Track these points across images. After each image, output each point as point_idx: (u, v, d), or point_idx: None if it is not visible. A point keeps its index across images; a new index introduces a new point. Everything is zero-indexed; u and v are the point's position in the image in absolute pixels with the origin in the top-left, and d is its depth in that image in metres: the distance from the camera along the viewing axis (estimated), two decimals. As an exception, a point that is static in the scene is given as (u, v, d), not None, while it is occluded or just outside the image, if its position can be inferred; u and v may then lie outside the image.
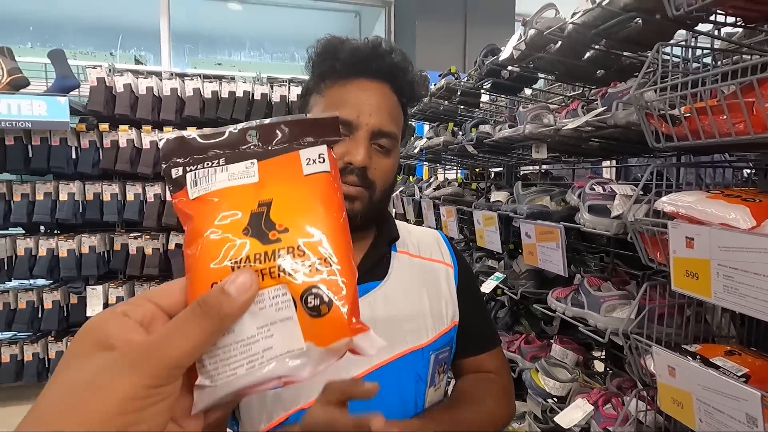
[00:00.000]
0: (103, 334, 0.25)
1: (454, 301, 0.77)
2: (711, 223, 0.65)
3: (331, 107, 0.67)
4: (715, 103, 0.68)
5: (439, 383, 0.73)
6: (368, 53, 0.68)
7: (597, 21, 0.95)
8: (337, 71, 0.68)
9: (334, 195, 0.32)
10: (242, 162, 0.31)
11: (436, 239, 0.83)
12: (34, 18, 4.34)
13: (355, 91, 0.67)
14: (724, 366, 0.69)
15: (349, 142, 0.66)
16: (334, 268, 0.29)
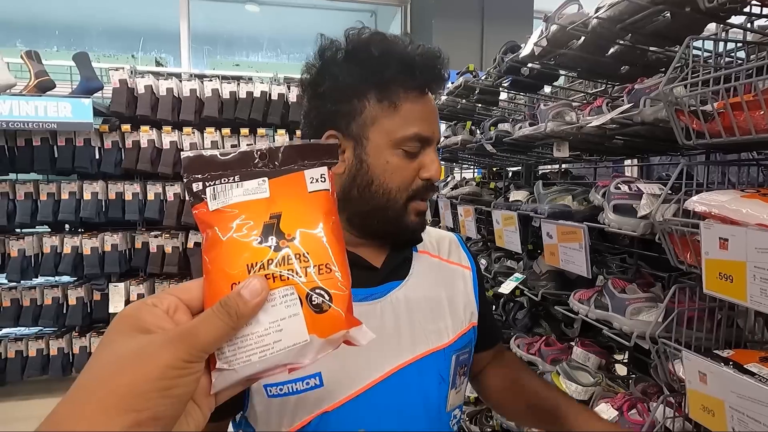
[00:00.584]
0: (140, 320, 0.31)
1: (472, 303, 0.77)
2: (747, 223, 0.62)
3: (411, 124, 0.64)
4: (751, 98, 0.65)
5: (459, 386, 0.73)
6: (435, 65, 0.66)
7: (623, 15, 0.93)
8: (410, 81, 0.64)
9: (332, 209, 0.37)
10: (255, 179, 0.36)
11: (454, 242, 0.82)
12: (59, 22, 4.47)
13: (427, 105, 0.67)
14: (760, 373, 0.66)
15: (424, 157, 0.66)
16: (333, 271, 0.34)
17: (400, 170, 0.65)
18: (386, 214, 0.66)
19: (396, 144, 0.64)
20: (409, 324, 0.68)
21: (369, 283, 0.68)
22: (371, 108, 0.64)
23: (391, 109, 0.64)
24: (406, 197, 0.66)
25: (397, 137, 0.64)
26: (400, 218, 0.67)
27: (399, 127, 0.64)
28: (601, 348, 1.27)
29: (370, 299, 0.67)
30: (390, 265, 0.70)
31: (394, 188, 0.65)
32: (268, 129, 3.28)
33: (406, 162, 0.65)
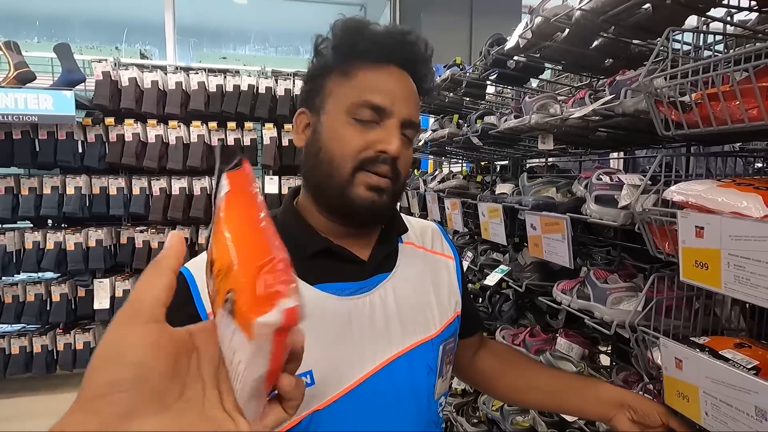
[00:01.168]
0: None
1: (456, 292, 0.78)
2: (722, 212, 0.63)
3: (365, 93, 0.63)
4: (727, 88, 0.66)
5: (446, 374, 0.74)
6: (401, 39, 0.66)
7: (605, 7, 0.93)
8: (368, 53, 0.64)
9: (233, 204, 0.36)
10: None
11: (435, 232, 0.82)
12: (40, 12, 4.36)
13: (387, 76, 0.65)
14: (734, 358, 0.67)
15: (380, 130, 0.63)
16: (233, 265, 0.31)
17: (347, 137, 0.63)
18: (332, 185, 0.63)
19: (347, 111, 0.63)
20: (398, 316, 0.68)
21: (357, 277, 0.67)
22: (331, 81, 0.66)
23: (345, 77, 0.65)
24: (351, 166, 0.62)
25: (347, 104, 0.63)
26: (347, 189, 0.63)
27: (350, 94, 0.63)
28: (585, 338, 1.29)
29: (359, 293, 0.66)
30: (377, 258, 0.70)
31: (337, 155, 0.63)
32: (256, 123, 3.25)
33: (356, 130, 0.63)
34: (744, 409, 0.61)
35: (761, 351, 0.71)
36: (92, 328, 3.05)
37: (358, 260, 0.69)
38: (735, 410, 0.62)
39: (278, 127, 3.23)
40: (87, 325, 3.08)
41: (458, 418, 1.68)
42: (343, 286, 0.66)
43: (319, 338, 0.61)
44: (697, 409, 0.69)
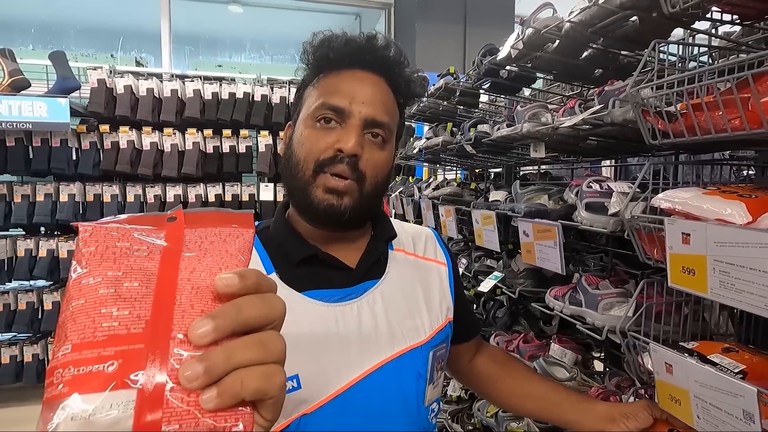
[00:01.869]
0: None
1: (448, 299, 0.78)
2: (707, 218, 0.65)
3: (324, 95, 0.66)
4: (710, 99, 0.68)
5: (437, 380, 0.73)
6: (363, 45, 0.68)
7: (594, 19, 0.96)
8: (332, 61, 0.68)
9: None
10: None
11: (430, 238, 0.83)
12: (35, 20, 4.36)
13: (348, 79, 0.67)
14: (721, 363, 0.69)
15: (341, 131, 0.65)
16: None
17: (310, 140, 0.65)
18: (297, 186, 0.66)
19: (311, 116, 0.66)
20: (386, 322, 0.68)
21: (345, 284, 0.68)
22: (306, 93, 0.70)
23: (313, 88, 0.69)
24: (313, 167, 0.64)
25: (311, 109, 0.66)
26: (307, 190, 0.65)
27: (314, 100, 0.67)
28: (579, 344, 1.30)
29: (346, 300, 0.67)
30: (365, 265, 0.71)
31: (302, 158, 0.65)
32: (251, 130, 3.26)
33: (319, 133, 0.65)
34: (732, 412, 0.62)
35: (748, 355, 0.72)
36: (84, 337, 3.01)
37: (345, 267, 0.69)
38: (725, 413, 0.64)
39: (274, 135, 3.24)
40: (79, 334, 3.05)
41: (453, 425, 1.68)
42: (330, 293, 0.66)
43: (306, 344, 0.62)
44: (689, 413, 0.70)
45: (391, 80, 0.70)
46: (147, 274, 0.30)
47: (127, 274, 0.29)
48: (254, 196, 3.26)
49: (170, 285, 0.29)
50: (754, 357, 0.72)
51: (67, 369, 0.25)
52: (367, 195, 0.66)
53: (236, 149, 3.22)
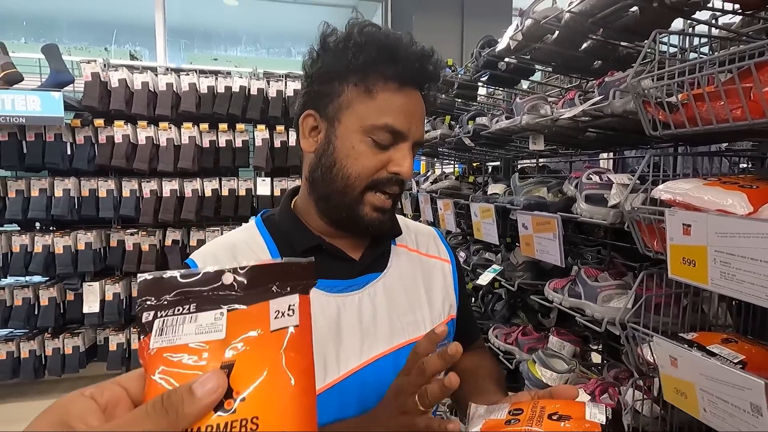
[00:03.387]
0: (66, 413, 0.27)
1: (451, 296, 0.78)
2: (708, 209, 0.65)
3: (386, 116, 0.63)
4: (712, 89, 0.67)
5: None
6: (425, 63, 0.65)
7: (594, 10, 0.95)
8: (395, 75, 0.63)
9: (299, 353, 0.30)
10: (212, 311, 0.30)
11: (433, 236, 0.83)
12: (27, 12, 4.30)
13: (408, 100, 0.65)
14: (721, 353, 0.69)
15: (396, 152, 0.64)
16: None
17: (363, 157, 0.63)
18: (343, 201, 0.65)
19: (366, 131, 0.63)
20: (386, 315, 0.68)
21: (347, 275, 0.68)
22: (349, 92, 0.64)
23: (366, 95, 0.63)
24: (364, 186, 0.64)
25: (367, 124, 0.63)
26: (355, 207, 0.65)
27: (371, 115, 0.63)
28: (577, 337, 1.30)
29: (348, 291, 0.67)
30: (369, 258, 0.71)
31: (353, 174, 0.63)
32: (247, 124, 3.24)
33: (372, 151, 0.63)
34: (740, 405, 0.62)
35: (747, 345, 0.72)
36: (81, 332, 3.00)
37: (349, 259, 0.70)
38: (731, 406, 0.64)
39: (270, 129, 3.22)
40: (76, 330, 3.03)
41: (452, 417, 1.69)
42: (332, 283, 0.67)
43: None
44: (695, 406, 0.70)
45: (425, 96, 0.70)
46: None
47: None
48: (251, 190, 3.24)
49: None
50: (753, 347, 0.72)
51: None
52: (397, 204, 0.70)
53: (233, 143, 3.20)
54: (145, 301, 0.30)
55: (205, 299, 0.30)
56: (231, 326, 0.30)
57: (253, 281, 0.31)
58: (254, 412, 0.27)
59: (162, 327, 0.29)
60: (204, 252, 0.68)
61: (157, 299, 0.30)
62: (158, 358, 0.29)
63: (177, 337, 0.29)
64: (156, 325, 0.29)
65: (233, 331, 0.30)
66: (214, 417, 0.27)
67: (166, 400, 0.26)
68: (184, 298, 0.30)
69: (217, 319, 0.30)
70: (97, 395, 0.28)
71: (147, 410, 0.26)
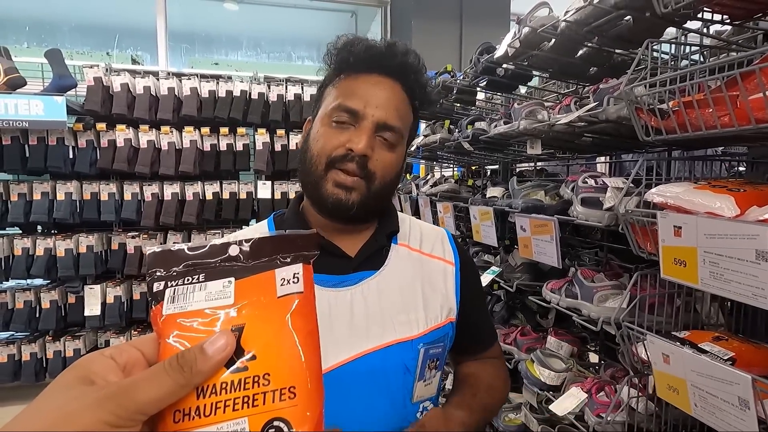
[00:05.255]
0: (87, 370, 0.28)
1: (450, 299, 0.77)
2: (698, 212, 0.67)
3: (341, 97, 0.69)
4: (701, 97, 0.70)
5: (430, 379, 0.73)
6: (383, 50, 0.71)
7: (589, 19, 0.98)
8: (351, 64, 0.71)
9: (305, 317, 0.32)
10: (220, 280, 0.32)
11: (441, 237, 0.83)
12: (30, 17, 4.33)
13: (365, 83, 0.70)
14: (712, 350, 0.71)
15: (354, 131, 0.68)
16: (298, 396, 0.30)
17: (324, 138, 0.69)
18: (310, 180, 0.69)
19: (328, 116, 0.69)
20: (378, 313, 0.69)
21: (342, 271, 0.70)
22: (326, 92, 0.73)
23: (333, 88, 0.72)
24: (325, 163, 0.68)
25: (328, 109, 0.70)
26: (320, 184, 0.68)
27: (332, 100, 0.70)
28: (574, 337, 1.33)
29: (340, 286, 0.69)
30: (364, 255, 0.72)
31: (316, 153, 0.69)
32: (248, 128, 3.27)
33: (333, 132, 0.68)
34: (728, 399, 0.65)
35: (737, 343, 0.75)
36: (82, 335, 3.01)
37: (344, 255, 0.72)
38: (721, 401, 0.66)
39: (271, 133, 3.24)
40: (77, 332, 3.05)
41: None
42: (325, 278, 0.69)
43: None
44: (686, 401, 0.73)
45: (407, 86, 0.73)
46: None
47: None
48: (252, 194, 3.27)
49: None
50: (743, 345, 0.75)
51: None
52: (375, 193, 0.69)
53: (233, 147, 3.22)
54: (155, 272, 0.32)
55: (213, 270, 0.32)
56: (239, 293, 0.31)
57: (258, 252, 0.33)
58: (265, 369, 0.29)
59: (173, 295, 0.31)
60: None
61: (167, 270, 0.32)
62: (171, 323, 0.30)
63: (188, 304, 0.31)
64: (167, 294, 0.31)
65: (241, 297, 0.31)
66: (227, 374, 0.29)
67: (180, 358, 0.28)
68: (192, 268, 0.32)
69: (225, 287, 0.32)
70: (116, 355, 0.30)
71: (164, 367, 0.28)
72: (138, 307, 3.08)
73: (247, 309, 0.31)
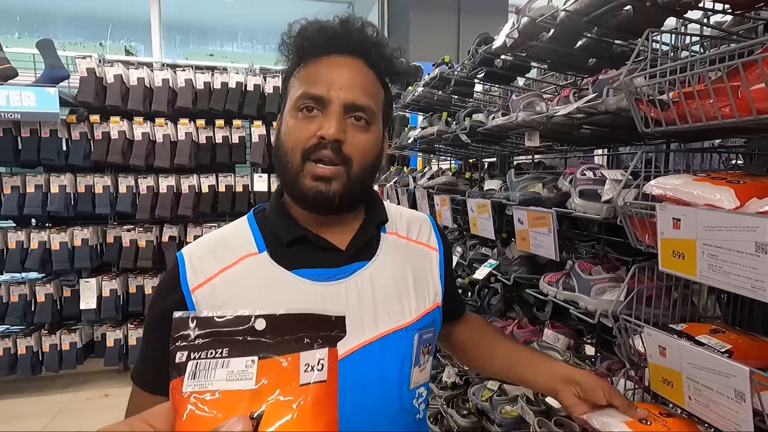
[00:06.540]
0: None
1: (437, 284, 0.79)
2: (697, 204, 0.67)
3: (304, 85, 0.67)
4: (702, 87, 0.69)
5: (424, 364, 0.74)
6: (336, 29, 0.68)
7: (589, 8, 0.96)
8: (308, 50, 0.68)
9: (326, 408, 0.32)
10: (244, 358, 0.31)
11: (425, 223, 0.84)
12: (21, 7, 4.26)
13: (326, 66, 0.67)
14: (709, 342, 0.71)
15: (322, 118, 0.66)
16: None
17: (295, 130, 0.66)
18: (288, 176, 0.67)
19: (294, 107, 0.67)
20: (372, 303, 0.69)
21: (334, 264, 0.69)
22: (290, 84, 0.71)
23: (294, 78, 0.69)
24: (300, 156, 0.65)
25: (293, 101, 0.67)
26: (297, 179, 0.66)
27: (295, 91, 0.67)
28: (571, 330, 1.33)
29: (333, 280, 0.68)
30: (354, 247, 0.72)
31: (290, 148, 0.66)
32: (244, 120, 3.24)
33: (302, 123, 0.66)
34: (724, 392, 0.65)
35: (734, 336, 0.75)
36: (78, 329, 3.01)
37: (335, 248, 0.71)
38: (716, 393, 0.66)
39: (267, 125, 3.22)
40: (73, 326, 3.04)
41: (448, 410, 1.71)
42: (318, 272, 0.68)
43: None
44: (680, 394, 0.73)
45: (371, 61, 0.70)
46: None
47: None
48: (248, 186, 3.25)
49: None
50: (740, 337, 0.75)
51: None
52: (355, 178, 0.67)
53: (229, 139, 3.20)
54: (178, 339, 0.31)
55: (237, 344, 0.31)
56: (261, 374, 0.31)
57: (284, 329, 0.32)
58: None
59: (195, 370, 0.31)
60: (194, 247, 0.70)
61: (192, 339, 0.31)
62: (189, 400, 0.30)
63: (209, 382, 0.30)
64: (189, 368, 0.31)
65: (263, 380, 0.31)
66: None
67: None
68: (216, 339, 0.31)
69: (248, 367, 0.31)
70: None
71: None
72: (134, 301, 3.08)
73: (268, 394, 0.31)
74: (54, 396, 2.87)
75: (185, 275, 0.65)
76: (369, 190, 0.75)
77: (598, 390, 0.73)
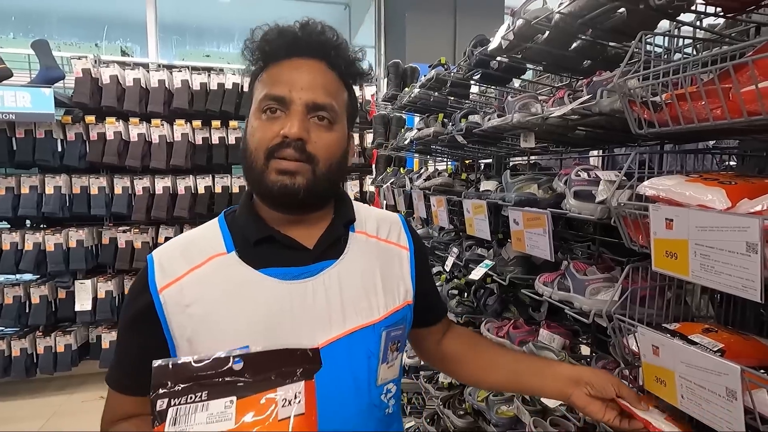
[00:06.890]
0: None
1: (408, 282, 0.80)
2: (689, 204, 0.68)
3: (267, 87, 0.68)
4: (694, 89, 0.70)
5: (392, 361, 0.75)
6: (296, 33, 0.70)
7: (583, 11, 0.97)
8: (270, 54, 0.70)
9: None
10: (222, 399, 0.32)
11: (395, 223, 0.85)
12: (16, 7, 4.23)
13: (287, 69, 0.69)
14: (701, 342, 0.72)
15: (285, 118, 0.67)
16: None
17: (259, 131, 0.68)
18: (253, 174, 0.68)
19: (258, 109, 0.69)
20: (340, 301, 0.70)
21: (302, 263, 0.70)
22: (254, 88, 0.73)
23: (258, 82, 0.71)
24: (264, 155, 0.67)
25: (257, 103, 0.69)
26: (263, 177, 0.67)
27: (259, 93, 0.69)
28: (566, 330, 1.33)
29: (301, 278, 0.69)
30: (322, 245, 0.73)
31: (254, 148, 0.68)
32: (241, 121, 3.24)
33: (266, 123, 0.68)
34: (716, 390, 0.65)
35: (726, 335, 0.76)
36: (73, 330, 2.99)
37: (302, 247, 0.72)
38: (708, 392, 0.67)
39: (263, 126, 3.22)
40: (68, 328, 3.02)
41: (445, 410, 1.72)
42: (285, 271, 0.69)
43: (259, 318, 0.65)
44: (673, 393, 0.74)
45: (332, 63, 0.72)
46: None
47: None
48: (245, 187, 3.25)
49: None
50: (732, 337, 0.76)
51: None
52: (321, 176, 0.68)
53: (226, 140, 3.20)
54: (158, 386, 0.32)
55: (216, 386, 0.32)
56: (240, 414, 0.32)
57: (261, 367, 0.33)
58: None
59: (175, 416, 0.32)
60: (164, 249, 0.71)
61: (171, 386, 0.32)
62: None
63: (189, 426, 0.31)
64: (170, 414, 0.31)
65: (242, 419, 0.32)
66: None
67: None
68: (196, 384, 0.32)
69: (227, 407, 0.32)
70: None
71: None
72: (130, 302, 3.06)
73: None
74: (49, 398, 2.85)
75: (153, 276, 0.66)
76: (336, 188, 0.76)
77: (609, 385, 0.75)
